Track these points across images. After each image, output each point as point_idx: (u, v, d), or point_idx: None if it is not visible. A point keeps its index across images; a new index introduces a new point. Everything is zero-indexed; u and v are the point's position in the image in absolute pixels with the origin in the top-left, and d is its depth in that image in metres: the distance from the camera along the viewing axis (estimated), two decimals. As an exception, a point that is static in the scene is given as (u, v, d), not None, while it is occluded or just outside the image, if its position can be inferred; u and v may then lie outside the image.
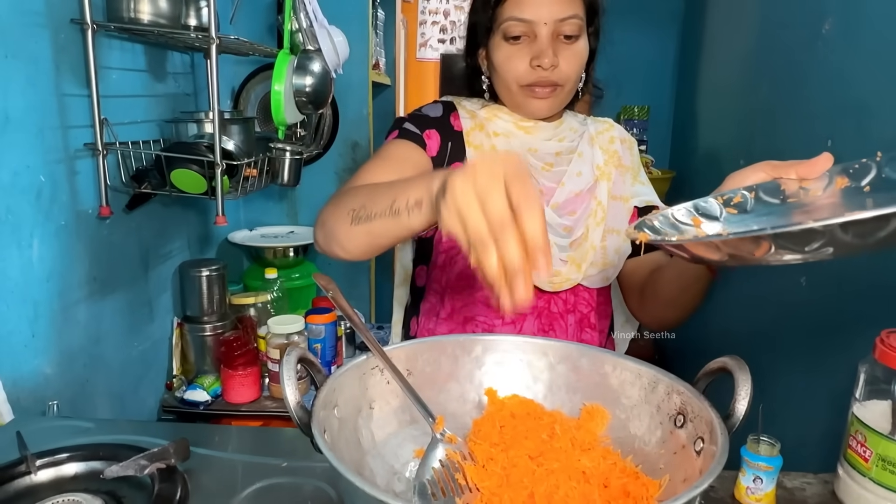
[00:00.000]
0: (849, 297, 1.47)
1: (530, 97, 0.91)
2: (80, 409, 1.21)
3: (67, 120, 1.14)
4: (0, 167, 1.00)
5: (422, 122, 0.95)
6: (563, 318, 0.94)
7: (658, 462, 0.57)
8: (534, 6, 0.86)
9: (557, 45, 0.88)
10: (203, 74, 1.65)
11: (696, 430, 0.54)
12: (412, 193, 0.59)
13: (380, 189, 0.67)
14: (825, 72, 1.64)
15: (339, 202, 0.73)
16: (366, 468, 0.57)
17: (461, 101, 1.00)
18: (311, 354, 0.57)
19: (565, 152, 0.96)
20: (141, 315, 1.44)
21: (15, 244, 1.04)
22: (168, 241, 1.56)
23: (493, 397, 0.65)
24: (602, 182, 0.95)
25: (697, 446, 0.53)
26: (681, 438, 0.56)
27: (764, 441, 0.83)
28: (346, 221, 0.69)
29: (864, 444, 0.74)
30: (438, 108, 0.98)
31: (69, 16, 1.13)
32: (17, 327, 1.05)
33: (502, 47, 0.90)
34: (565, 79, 0.90)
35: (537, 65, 0.87)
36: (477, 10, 0.94)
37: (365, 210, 0.66)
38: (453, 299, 0.95)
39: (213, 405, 1.51)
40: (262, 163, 1.47)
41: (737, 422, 0.52)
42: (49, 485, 0.67)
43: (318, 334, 1.55)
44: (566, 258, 0.92)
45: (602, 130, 1.01)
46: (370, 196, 0.67)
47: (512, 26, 0.88)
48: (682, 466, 0.54)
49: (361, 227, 0.66)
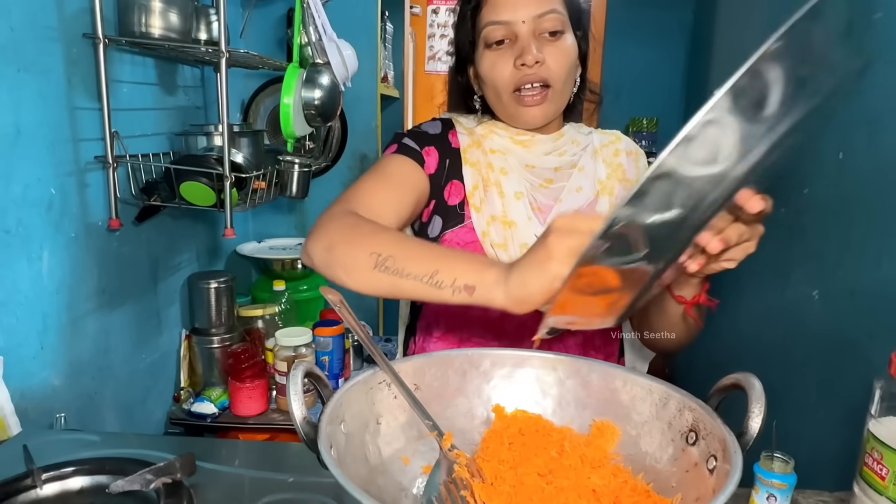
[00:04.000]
0: (863, 310, 1.45)
1: (521, 105, 0.88)
2: (88, 421, 1.21)
3: (78, 133, 1.16)
4: (11, 180, 1.01)
5: (421, 138, 0.94)
6: (564, 340, 0.91)
7: (670, 480, 0.56)
8: (509, 6, 0.86)
9: (541, 43, 0.86)
10: (213, 88, 1.66)
11: (709, 448, 0.53)
12: (461, 276, 0.61)
13: (414, 248, 0.67)
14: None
15: (357, 236, 0.71)
16: (373, 484, 0.56)
17: (458, 119, 0.99)
18: (318, 368, 0.57)
19: (565, 167, 0.94)
20: (149, 327, 1.45)
21: (25, 256, 1.04)
22: (177, 253, 1.57)
23: (500, 413, 0.65)
24: (604, 197, 0.93)
25: (710, 464, 0.52)
26: (693, 456, 0.55)
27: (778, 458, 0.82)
28: (367, 263, 0.67)
29: (880, 461, 0.72)
30: (437, 126, 0.97)
31: (81, 30, 1.14)
32: (26, 339, 1.05)
33: (486, 56, 0.89)
34: (555, 77, 0.87)
35: (521, 63, 0.85)
36: (459, 26, 0.94)
37: (395, 264, 0.66)
38: (448, 319, 0.93)
39: (221, 417, 1.50)
40: (270, 175, 1.48)
41: (750, 439, 0.52)
42: (55, 499, 0.67)
43: (326, 347, 1.55)
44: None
45: (607, 143, 0.98)
46: (402, 250, 0.67)
47: (491, 31, 0.87)
48: (694, 485, 0.53)
49: (387, 277, 0.66)
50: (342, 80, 1.62)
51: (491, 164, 0.92)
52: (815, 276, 1.69)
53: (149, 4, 1.21)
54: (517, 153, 0.93)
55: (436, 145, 0.94)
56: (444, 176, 0.93)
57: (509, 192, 0.90)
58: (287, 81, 1.44)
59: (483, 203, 0.91)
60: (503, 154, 0.93)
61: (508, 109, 0.91)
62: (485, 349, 0.69)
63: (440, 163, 0.93)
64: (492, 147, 0.94)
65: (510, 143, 0.93)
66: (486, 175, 0.92)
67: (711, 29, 2.61)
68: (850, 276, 1.52)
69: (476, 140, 0.95)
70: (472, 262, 0.62)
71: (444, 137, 0.96)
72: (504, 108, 0.92)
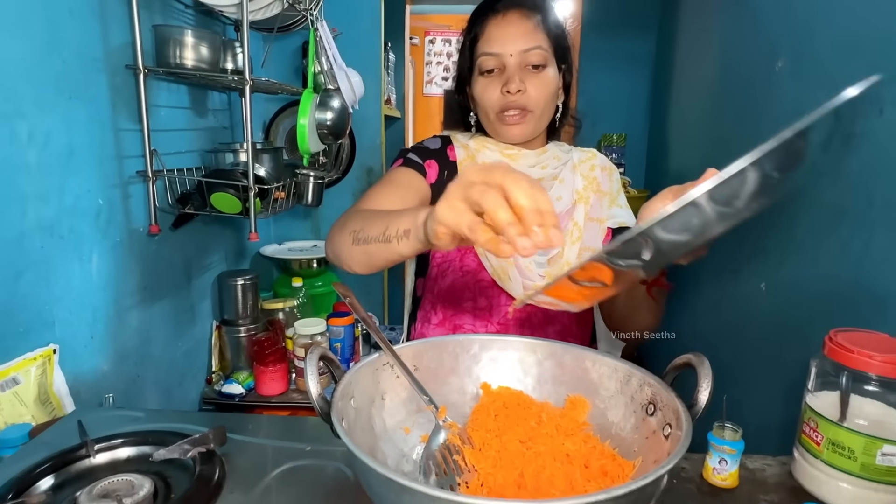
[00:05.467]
0: (802, 300, 1.46)
1: (503, 124, 0.90)
2: (133, 400, 1.22)
3: (122, 151, 1.16)
4: (65, 192, 1.01)
5: (423, 153, 0.95)
6: (543, 328, 0.92)
7: (633, 446, 0.57)
8: (500, 41, 0.87)
9: (525, 74, 0.87)
10: (238, 111, 1.67)
11: (665, 418, 0.54)
12: (401, 224, 0.62)
13: (376, 216, 0.68)
14: (778, 103, 1.65)
15: (344, 224, 0.74)
16: (378, 451, 0.57)
17: (456, 136, 1.00)
18: (332, 353, 0.58)
19: (547, 178, 0.95)
20: (184, 319, 1.45)
21: (77, 258, 1.05)
22: (208, 255, 1.58)
23: (487, 390, 0.65)
24: (580, 205, 0.94)
25: (666, 431, 0.53)
26: (651, 425, 0.56)
27: (728, 427, 0.83)
28: (347, 241, 0.71)
29: (816, 429, 0.74)
30: (437, 142, 0.98)
31: (124, 62, 1.15)
32: (79, 330, 1.06)
33: (479, 81, 0.91)
34: (534, 104, 0.88)
35: (506, 90, 0.87)
36: (459, 54, 0.95)
37: (363, 233, 0.68)
38: (444, 308, 0.94)
39: (247, 397, 1.51)
40: (289, 186, 1.48)
41: (700, 410, 0.52)
42: (105, 466, 0.67)
43: (338, 335, 1.55)
44: (544, 273, 0.91)
45: (585, 159, 0.99)
46: (368, 221, 0.69)
47: (485, 61, 0.89)
48: (653, 449, 0.54)
49: (360, 247, 0.69)
50: (351, 104, 1.63)
51: None
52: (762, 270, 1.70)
53: (182, 39, 1.22)
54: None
55: (436, 158, 0.95)
56: (442, 185, 0.94)
57: None
58: (303, 105, 1.45)
59: None
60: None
61: (494, 127, 0.92)
62: (474, 335, 0.69)
63: (440, 174, 0.94)
64: (484, 160, 0.94)
65: (499, 156, 0.94)
66: None
67: (671, 57, 2.62)
68: (791, 271, 1.54)
69: (470, 154, 0.95)
70: (410, 213, 0.62)
71: (444, 152, 0.97)
72: (491, 125, 0.93)
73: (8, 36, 0.89)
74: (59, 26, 0.99)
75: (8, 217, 0.90)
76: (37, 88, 0.95)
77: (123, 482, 0.61)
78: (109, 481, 0.61)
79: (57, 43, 0.99)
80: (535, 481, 0.52)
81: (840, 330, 0.82)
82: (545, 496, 0.50)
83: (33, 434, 0.80)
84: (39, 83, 0.95)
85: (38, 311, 0.96)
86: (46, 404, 0.95)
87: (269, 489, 0.64)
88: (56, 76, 0.99)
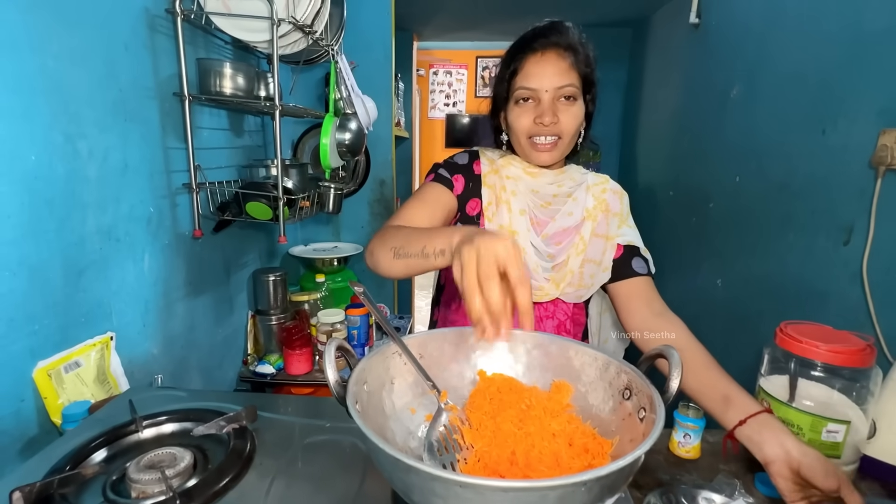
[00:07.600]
0: (755, 295, 1.45)
1: (534, 150, 0.88)
2: (179, 381, 1.21)
3: (170, 166, 1.15)
4: (121, 201, 1.00)
5: (452, 168, 0.94)
6: (542, 322, 0.92)
7: (611, 426, 0.55)
8: (538, 77, 0.85)
9: (558, 106, 0.85)
10: (270, 131, 1.65)
11: (640, 402, 0.52)
12: (437, 244, 0.63)
13: (414, 235, 0.69)
14: (733, 125, 1.63)
15: (385, 239, 0.74)
16: (388, 430, 0.56)
17: (485, 151, 0.97)
18: (347, 343, 0.56)
19: (562, 195, 0.92)
20: (223, 309, 1.44)
21: (131, 258, 1.04)
22: (244, 255, 1.56)
23: (483, 376, 0.64)
24: (588, 222, 0.91)
25: (641, 414, 0.52)
26: (628, 408, 0.54)
27: (692, 407, 0.81)
28: (388, 255, 0.72)
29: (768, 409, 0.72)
30: (465, 157, 0.96)
31: (172, 90, 1.13)
32: (133, 320, 1.05)
33: (514, 109, 0.88)
34: (565, 132, 0.86)
35: (539, 122, 0.85)
36: (497, 84, 0.93)
37: (403, 250, 0.69)
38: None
39: (277, 376, 1.50)
40: (313, 196, 1.47)
41: (671, 396, 0.50)
42: (152, 440, 0.66)
43: (355, 323, 1.54)
44: (548, 277, 0.89)
45: (598, 183, 0.96)
46: (407, 239, 0.70)
47: (522, 93, 0.86)
48: (629, 430, 0.52)
49: (401, 261, 0.70)
50: (366, 126, 1.62)
51: (504, 186, 0.91)
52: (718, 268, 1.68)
53: (222, 70, 1.20)
54: (526, 181, 0.92)
55: (462, 173, 0.94)
56: (467, 195, 0.93)
57: (515, 209, 0.90)
58: (325, 126, 1.43)
59: (494, 215, 0.90)
60: (515, 180, 0.92)
61: (525, 150, 0.90)
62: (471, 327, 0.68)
63: (465, 186, 0.93)
64: (508, 174, 0.92)
65: (522, 173, 0.92)
66: (499, 195, 0.91)
67: (640, 85, 2.60)
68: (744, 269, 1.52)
69: (495, 168, 0.93)
70: (445, 235, 0.63)
71: (470, 167, 0.95)
72: (521, 148, 0.90)
73: (73, 68, 0.88)
74: (116, 60, 0.97)
75: (71, 222, 0.89)
76: (97, 112, 0.93)
77: (167, 454, 0.60)
78: (155, 453, 0.60)
79: (114, 74, 0.97)
80: (525, 458, 0.50)
81: (790, 322, 0.81)
82: (535, 471, 0.49)
83: (92, 410, 0.79)
84: (99, 108, 0.94)
85: (97, 303, 0.95)
86: (104, 384, 0.93)
87: (294, 460, 0.63)
88: (113, 102, 0.97)
